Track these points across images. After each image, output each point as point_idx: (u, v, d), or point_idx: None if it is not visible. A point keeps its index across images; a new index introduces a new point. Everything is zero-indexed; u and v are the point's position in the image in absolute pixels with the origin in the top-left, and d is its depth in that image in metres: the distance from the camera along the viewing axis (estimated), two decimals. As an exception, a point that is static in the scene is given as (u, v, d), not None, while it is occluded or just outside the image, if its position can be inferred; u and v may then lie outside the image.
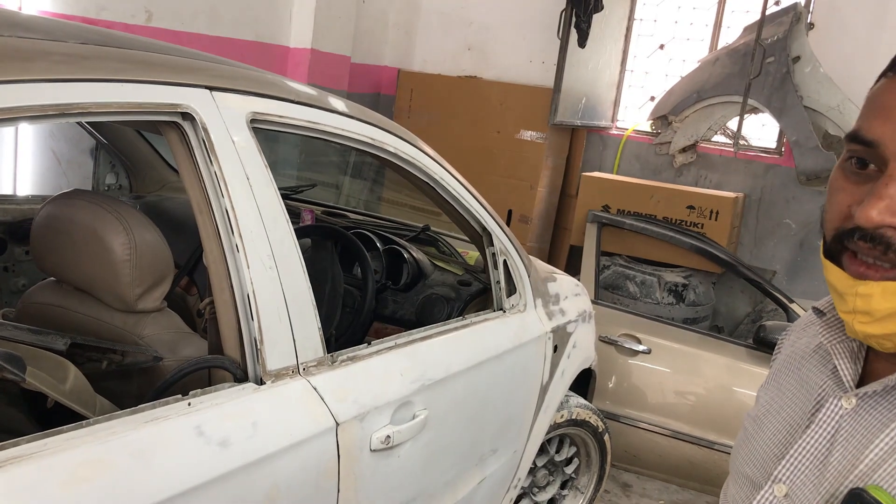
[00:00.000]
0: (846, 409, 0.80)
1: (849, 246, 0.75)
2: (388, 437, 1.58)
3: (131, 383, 1.54)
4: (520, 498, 2.84)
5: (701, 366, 3.41)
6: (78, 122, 2.64)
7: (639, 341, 3.45)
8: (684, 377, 3.43)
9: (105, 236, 1.46)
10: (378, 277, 2.55)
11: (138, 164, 2.91)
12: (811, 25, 4.49)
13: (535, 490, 2.90)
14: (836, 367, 0.82)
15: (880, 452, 0.75)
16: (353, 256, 2.46)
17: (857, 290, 0.74)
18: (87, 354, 1.41)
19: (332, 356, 1.53)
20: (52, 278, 1.65)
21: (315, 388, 1.43)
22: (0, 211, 2.46)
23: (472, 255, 2.79)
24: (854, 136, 0.75)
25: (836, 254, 0.77)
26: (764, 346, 3.24)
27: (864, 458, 0.76)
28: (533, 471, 2.82)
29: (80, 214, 1.50)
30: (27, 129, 3.66)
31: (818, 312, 0.88)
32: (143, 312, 1.52)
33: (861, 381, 0.82)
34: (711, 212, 4.22)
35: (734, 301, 4.73)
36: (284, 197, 3.24)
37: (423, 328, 1.88)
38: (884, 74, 0.76)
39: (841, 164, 0.78)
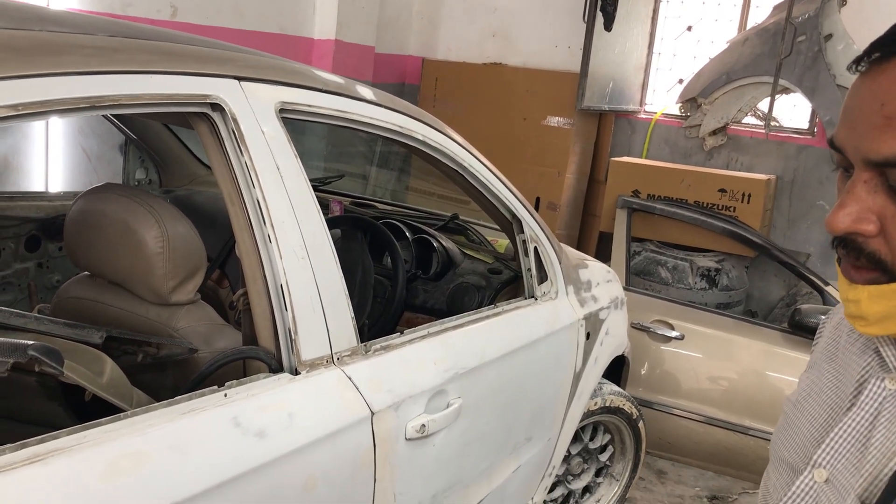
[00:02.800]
0: (890, 390, 0.78)
1: (837, 251, 0.76)
2: (424, 425, 1.57)
3: (167, 376, 1.55)
4: (554, 486, 2.82)
5: (735, 351, 3.37)
6: (107, 118, 2.66)
7: (672, 327, 3.42)
8: (718, 363, 3.39)
9: (138, 229, 1.46)
10: (408, 267, 2.55)
11: (167, 158, 2.93)
12: (843, 2, 4.38)
13: (570, 478, 2.89)
14: (878, 349, 0.80)
15: None
16: (383, 246, 2.45)
17: (848, 295, 0.75)
18: (122, 348, 1.42)
19: (365, 346, 1.52)
20: (86, 273, 1.66)
21: (350, 378, 1.43)
22: (33, 208, 2.49)
23: (501, 242, 2.77)
24: (830, 143, 0.76)
25: (838, 259, 0.77)
26: (799, 329, 3.19)
27: None
28: (567, 458, 2.80)
29: (113, 208, 1.50)
30: (57, 126, 3.70)
31: None
32: (177, 305, 1.52)
33: None
34: (743, 195, 4.15)
35: (768, 285, 4.66)
36: (313, 189, 3.25)
37: (454, 317, 1.87)
38: (849, 70, 0.75)
39: (837, 168, 0.78)
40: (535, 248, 2.30)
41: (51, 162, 3.67)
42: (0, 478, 0.89)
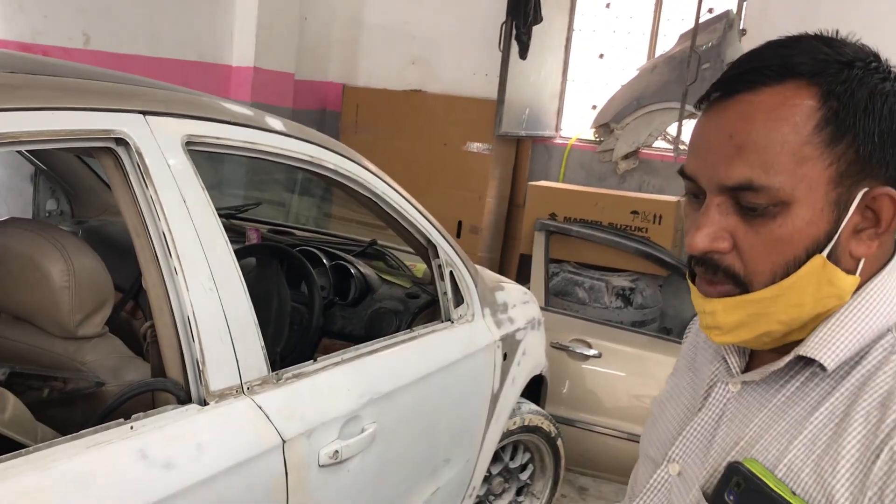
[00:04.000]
0: (732, 392, 0.88)
1: (694, 269, 0.84)
2: (337, 451, 1.60)
3: (75, 411, 1.53)
4: (476, 506, 2.86)
5: (651, 367, 3.48)
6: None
7: (589, 346, 3.51)
8: (635, 379, 3.49)
9: (42, 263, 1.45)
10: (325, 293, 2.56)
11: (79, 188, 2.88)
12: (744, 31, 4.63)
13: (492, 497, 2.93)
14: (724, 357, 0.91)
15: (757, 430, 0.82)
16: (300, 274, 2.47)
17: (704, 308, 0.84)
18: (27, 383, 1.40)
19: (276, 374, 1.54)
20: (-11, 309, 1.64)
21: (260, 407, 1.44)
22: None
23: (419, 267, 2.81)
24: (681, 172, 0.84)
25: (692, 276, 0.86)
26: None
27: (744, 436, 0.83)
28: (488, 479, 2.85)
29: (16, 243, 1.49)
30: (-36, 157, 3.59)
31: None
32: (85, 338, 1.52)
33: (748, 369, 0.90)
34: (655, 216, 4.31)
35: (681, 303, 4.82)
36: (229, 217, 3.23)
37: (368, 342, 1.90)
38: (696, 108, 0.84)
39: (685, 195, 0.86)
40: (451, 273, 2.35)
41: (-43, 194, 3.56)
42: None
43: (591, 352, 3.49)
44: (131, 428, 1.21)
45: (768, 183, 0.75)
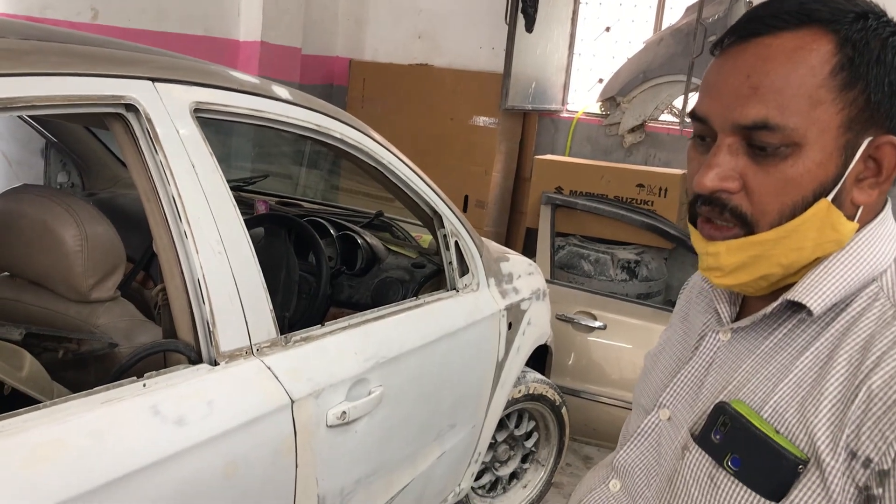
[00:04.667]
0: (722, 340, 0.91)
1: (699, 211, 0.85)
2: (345, 412, 1.63)
3: (88, 372, 1.57)
4: (482, 473, 2.91)
5: (655, 338, 3.50)
6: (26, 121, 2.64)
7: (594, 318, 3.54)
8: (640, 351, 3.53)
9: (56, 228, 1.48)
10: (333, 263, 2.60)
11: (90, 161, 2.91)
12: (750, 3, 4.60)
13: (497, 464, 2.98)
14: (716, 308, 0.94)
15: (745, 375, 0.85)
16: (307, 243, 2.50)
17: (707, 250, 0.85)
18: (42, 344, 1.44)
19: (285, 337, 1.57)
20: (5, 273, 1.67)
21: (269, 368, 1.48)
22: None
23: (425, 238, 2.84)
24: (692, 114, 0.86)
25: (694, 219, 0.87)
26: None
27: (732, 381, 0.86)
28: (493, 446, 2.89)
29: (30, 208, 1.52)
30: (-26, 132, 3.63)
31: None
32: (98, 302, 1.55)
33: (738, 319, 0.93)
34: (660, 189, 4.32)
35: (686, 275, 4.83)
36: (237, 189, 3.26)
37: (375, 309, 1.93)
38: (711, 53, 0.86)
39: (692, 138, 0.88)
40: (456, 242, 2.38)
41: (-32, 167, 3.60)
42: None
43: (597, 324, 3.52)
44: (144, 385, 1.24)
45: (784, 122, 0.78)
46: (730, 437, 0.81)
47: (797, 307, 0.83)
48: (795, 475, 0.77)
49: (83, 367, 1.56)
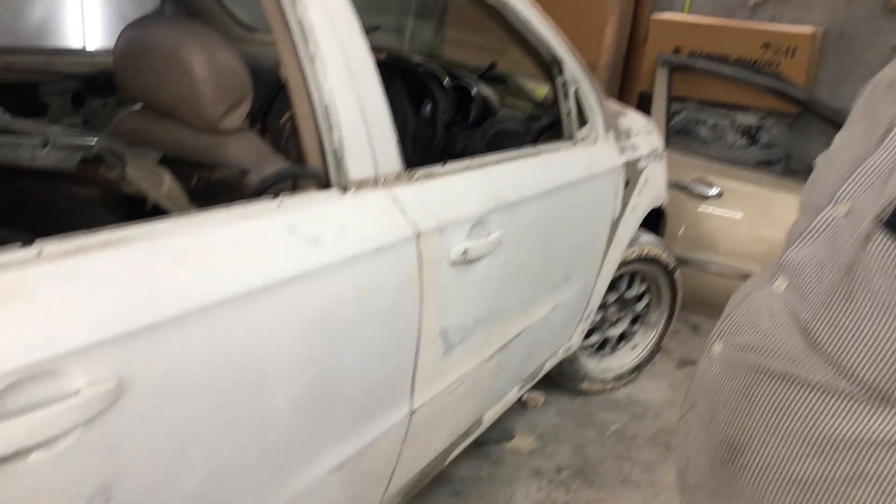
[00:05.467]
0: None
1: None
2: (466, 251, 1.62)
3: (218, 201, 1.60)
4: (591, 332, 2.91)
5: (775, 208, 3.35)
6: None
7: (711, 185, 3.40)
8: (756, 220, 3.39)
9: (185, 57, 1.48)
10: (447, 114, 2.55)
11: (204, 18, 2.90)
12: None
13: (607, 325, 2.97)
14: None
15: None
16: (422, 92, 2.45)
17: None
18: (176, 171, 1.46)
19: (410, 172, 1.56)
20: (136, 107, 1.70)
21: (396, 199, 1.47)
22: (76, 64, 2.51)
23: (540, 90, 2.75)
24: None
25: None
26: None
27: None
28: (604, 307, 2.88)
29: (159, 37, 1.52)
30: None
31: None
32: (227, 133, 1.56)
33: None
34: (788, 49, 4.02)
35: (809, 143, 4.57)
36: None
37: (495, 153, 1.89)
38: None
39: None
40: (576, 91, 2.29)
41: (87, 25, 3.67)
42: (75, 259, 0.95)
43: (712, 191, 3.38)
44: (278, 205, 1.25)
45: None
46: None
47: None
48: None
49: (213, 196, 1.59)
